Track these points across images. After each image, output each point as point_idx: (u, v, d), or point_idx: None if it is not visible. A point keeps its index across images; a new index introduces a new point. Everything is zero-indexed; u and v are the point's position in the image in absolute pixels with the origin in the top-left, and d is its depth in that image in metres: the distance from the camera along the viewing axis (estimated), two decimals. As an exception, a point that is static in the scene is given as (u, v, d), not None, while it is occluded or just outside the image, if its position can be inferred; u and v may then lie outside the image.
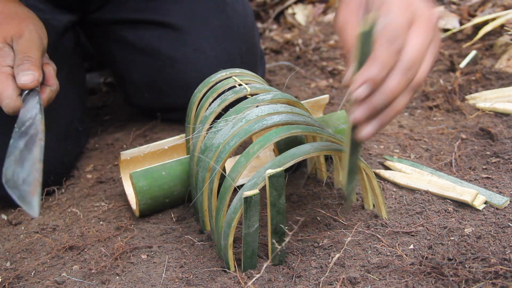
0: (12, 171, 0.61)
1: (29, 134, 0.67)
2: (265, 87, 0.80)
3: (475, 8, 1.57)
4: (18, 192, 0.58)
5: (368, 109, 0.58)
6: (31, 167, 0.60)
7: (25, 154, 0.63)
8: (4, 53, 0.80)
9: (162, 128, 1.18)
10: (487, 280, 0.61)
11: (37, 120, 0.70)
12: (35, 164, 0.61)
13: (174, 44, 1.11)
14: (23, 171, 0.60)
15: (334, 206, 0.81)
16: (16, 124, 0.72)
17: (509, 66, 1.20)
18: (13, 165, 0.62)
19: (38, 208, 0.56)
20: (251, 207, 0.64)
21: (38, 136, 0.66)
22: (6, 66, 0.79)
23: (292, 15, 1.86)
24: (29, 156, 0.62)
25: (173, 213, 0.86)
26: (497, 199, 0.76)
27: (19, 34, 0.82)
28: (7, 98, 0.77)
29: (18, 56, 0.80)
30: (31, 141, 0.65)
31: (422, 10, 0.61)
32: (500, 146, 0.90)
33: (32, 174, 0.59)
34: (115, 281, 0.71)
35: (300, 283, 0.66)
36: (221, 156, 0.70)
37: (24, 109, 0.75)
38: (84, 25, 1.19)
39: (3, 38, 0.81)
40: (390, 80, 0.58)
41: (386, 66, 0.57)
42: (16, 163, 0.62)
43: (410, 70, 0.59)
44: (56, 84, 0.84)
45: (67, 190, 0.99)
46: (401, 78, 0.58)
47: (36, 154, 0.63)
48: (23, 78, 0.78)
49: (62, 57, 0.99)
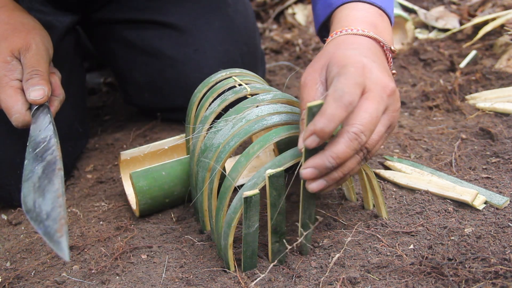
0: (32, 201, 0.60)
1: (46, 160, 0.66)
2: (265, 87, 0.80)
3: (475, 8, 1.57)
4: (44, 228, 0.57)
5: (316, 170, 0.62)
6: (54, 201, 0.59)
7: (45, 184, 0.62)
8: (12, 67, 0.80)
9: (162, 128, 1.18)
10: (487, 280, 0.61)
11: (52, 145, 0.69)
12: (58, 199, 0.60)
13: (175, 44, 1.11)
14: (45, 203, 0.59)
15: (334, 206, 0.81)
16: (29, 143, 0.71)
17: (509, 66, 1.20)
18: (32, 193, 0.61)
19: (67, 250, 0.55)
20: (251, 207, 0.64)
21: (57, 165, 0.65)
22: (15, 80, 0.79)
23: (292, 15, 1.86)
24: (50, 187, 0.61)
25: (173, 213, 0.86)
26: (497, 199, 0.76)
27: (26, 47, 0.81)
28: (16, 112, 0.77)
29: (27, 70, 0.80)
30: (49, 169, 0.64)
31: (377, 79, 0.64)
32: (500, 146, 0.90)
33: (56, 210, 0.58)
34: (115, 281, 0.71)
35: (300, 283, 0.66)
36: (221, 156, 0.70)
37: (35, 125, 0.75)
38: (85, 25, 1.19)
39: (10, 51, 0.80)
40: (339, 144, 0.61)
41: (332, 119, 0.59)
42: (36, 192, 0.61)
43: (359, 136, 0.61)
44: (62, 93, 0.84)
45: (67, 190, 0.99)
46: (349, 142, 0.61)
47: (58, 186, 0.61)
48: (33, 93, 0.78)
49: (63, 58, 0.99)
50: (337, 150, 0.61)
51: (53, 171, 0.64)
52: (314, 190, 0.63)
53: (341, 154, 0.61)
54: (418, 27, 1.56)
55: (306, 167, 0.62)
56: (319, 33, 0.87)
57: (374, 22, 0.74)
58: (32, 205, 0.60)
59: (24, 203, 0.61)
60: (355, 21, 0.74)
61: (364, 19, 0.74)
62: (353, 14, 0.75)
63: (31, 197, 0.61)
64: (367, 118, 0.61)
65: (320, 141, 0.60)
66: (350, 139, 0.61)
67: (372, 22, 0.74)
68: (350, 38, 0.71)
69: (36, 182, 0.63)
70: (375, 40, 0.72)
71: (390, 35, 0.76)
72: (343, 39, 0.72)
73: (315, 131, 0.59)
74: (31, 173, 0.65)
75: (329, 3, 0.80)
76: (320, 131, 0.59)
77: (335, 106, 0.59)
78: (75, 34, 1.13)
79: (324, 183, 0.63)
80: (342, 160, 0.61)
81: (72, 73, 1.06)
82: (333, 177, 0.63)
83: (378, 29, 0.74)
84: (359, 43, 0.70)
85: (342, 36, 0.72)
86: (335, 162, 0.61)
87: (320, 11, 0.83)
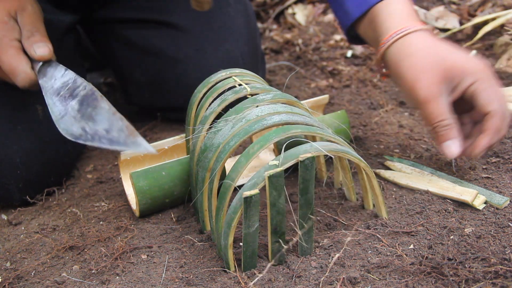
0: (80, 128, 0.62)
1: (79, 95, 0.67)
2: (265, 87, 0.80)
3: (475, 8, 1.57)
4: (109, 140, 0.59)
5: None
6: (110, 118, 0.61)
7: (89, 111, 0.63)
8: (10, 27, 0.79)
9: (162, 128, 1.18)
10: (487, 280, 0.61)
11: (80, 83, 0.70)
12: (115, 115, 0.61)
13: (176, 44, 1.11)
14: (100, 123, 0.61)
15: (334, 206, 0.81)
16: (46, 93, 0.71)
17: (509, 66, 1.20)
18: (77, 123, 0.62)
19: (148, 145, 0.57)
20: (251, 207, 0.64)
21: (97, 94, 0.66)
22: (14, 40, 0.78)
23: (292, 15, 1.86)
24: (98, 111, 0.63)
25: (173, 213, 0.86)
26: (497, 199, 0.76)
27: (22, 7, 0.80)
28: (22, 72, 0.77)
29: (26, 28, 0.79)
30: (89, 100, 0.65)
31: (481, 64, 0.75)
32: (500, 146, 0.90)
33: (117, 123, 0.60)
34: (115, 281, 0.71)
35: (300, 283, 0.66)
36: (221, 156, 0.70)
37: (45, 78, 0.75)
38: (86, 24, 1.19)
39: (7, 11, 0.79)
40: None
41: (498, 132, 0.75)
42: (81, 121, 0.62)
43: None
44: None
45: (67, 190, 0.99)
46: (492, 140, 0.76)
47: (108, 107, 0.63)
48: (39, 50, 0.77)
49: (64, 57, 0.99)
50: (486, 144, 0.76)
51: (95, 100, 0.65)
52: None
53: None
54: (418, 27, 1.56)
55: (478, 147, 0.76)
56: (348, 32, 0.90)
57: (414, 12, 0.81)
58: (81, 131, 0.61)
59: (69, 134, 0.62)
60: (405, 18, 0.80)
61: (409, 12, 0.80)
62: (396, 9, 0.81)
63: (77, 126, 0.62)
64: None
65: None
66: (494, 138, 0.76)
67: (413, 12, 0.81)
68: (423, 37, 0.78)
69: (77, 115, 0.64)
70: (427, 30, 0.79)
71: None
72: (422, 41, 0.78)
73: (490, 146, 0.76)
74: (64, 111, 0.66)
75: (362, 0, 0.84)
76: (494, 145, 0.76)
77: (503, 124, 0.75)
78: (75, 33, 1.13)
79: None
80: None
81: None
82: None
83: (415, 16, 0.81)
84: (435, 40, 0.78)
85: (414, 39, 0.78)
86: None
87: (352, 9, 0.85)
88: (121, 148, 0.59)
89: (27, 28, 0.79)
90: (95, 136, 0.60)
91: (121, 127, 0.59)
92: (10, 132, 0.91)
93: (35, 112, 0.94)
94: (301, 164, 0.65)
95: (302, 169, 0.66)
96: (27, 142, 0.92)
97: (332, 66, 1.41)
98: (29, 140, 0.92)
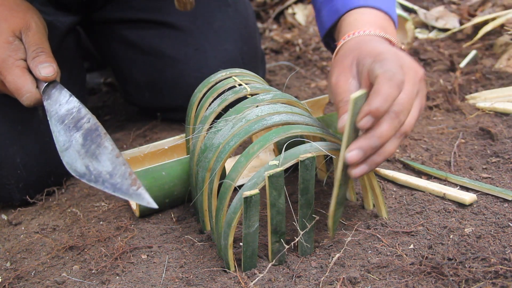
0: (84, 166, 0.62)
1: (83, 128, 0.68)
2: (265, 87, 0.80)
3: (475, 8, 1.57)
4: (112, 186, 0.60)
5: (361, 152, 0.63)
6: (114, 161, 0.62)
7: (93, 148, 0.64)
8: (16, 47, 0.79)
9: (162, 128, 1.18)
10: (487, 279, 0.61)
11: (85, 114, 0.70)
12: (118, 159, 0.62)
13: (175, 44, 1.11)
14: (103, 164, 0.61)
15: (334, 206, 0.81)
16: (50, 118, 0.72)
17: (509, 65, 1.20)
18: (80, 160, 0.63)
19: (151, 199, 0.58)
20: (251, 207, 0.64)
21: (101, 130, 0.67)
22: (19, 59, 0.79)
23: (292, 15, 1.86)
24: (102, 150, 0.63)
25: (173, 213, 0.86)
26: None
27: (27, 26, 0.81)
28: (27, 92, 0.78)
29: (31, 49, 0.80)
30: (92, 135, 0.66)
31: (410, 64, 0.68)
32: (500, 146, 0.90)
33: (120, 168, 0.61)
34: (115, 281, 0.71)
35: (300, 283, 0.66)
36: (221, 156, 0.70)
37: (50, 101, 0.75)
38: (86, 25, 1.19)
39: (12, 31, 0.80)
40: (382, 124, 0.63)
41: (387, 99, 0.61)
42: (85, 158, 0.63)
43: (399, 116, 0.63)
44: None
45: (67, 190, 0.99)
46: (390, 121, 0.63)
47: (111, 148, 0.63)
48: (44, 70, 0.78)
49: (63, 58, 0.99)
50: (381, 129, 0.63)
51: (99, 136, 0.65)
52: (357, 175, 0.65)
53: (385, 132, 0.63)
54: (418, 27, 1.56)
55: (351, 149, 0.63)
56: (324, 39, 0.90)
57: (383, 25, 0.78)
58: (85, 169, 0.62)
59: (73, 170, 0.63)
60: (366, 25, 0.77)
61: (374, 23, 0.77)
62: (363, 18, 0.79)
63: (81, 163, 0.62)
64: (405, 99, 0.64)
65: (375, 121, 0.62)
66: (391, 118, 0.63)
67: (381, 25, 0.78)
68: (367, 37, 0.74)
69: (81, 149, 0.64)
70: (387, 40, 0.75)
71: (397, 37, 0.79)
72: (361, 39, 0.74)
73: (370, 111, 0.61)
74: (68, 143, 0.66)
75: (335, 9, 0.83)
76: (376, 110, 0.61)
77: (389, 85, 0.61)
78: (75, 34, 1.13)
79: (366, 167, 0.65)
80: (385, 139, 0.63)
81: (72, 73, 1.06)
82: (374, 161, 0.65)
83: (387, 31, 0.77)
84: (378, 40, 0.73)
85: (356, 37, 0.75)
86: (379, 141, 0.63)
87: (326, 18, 0.86)
88: (124, 197, 0.60)
89: (32, 48, 0.80)
90: (99, 179, 0.61)
91: (124, 173, 0.60)
92: (10, 132, 0.91)
93: (35, 112, 0.94)
94: (301, 164, 0.65)
95: (302, 169, 0.66)
96: (27, 142, 0.92)
97: (332, 66, 1.41)
98: (29, 140, 0.92)
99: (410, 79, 0.66)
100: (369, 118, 0.61)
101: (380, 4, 0.81)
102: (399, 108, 0.63)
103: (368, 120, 0.62)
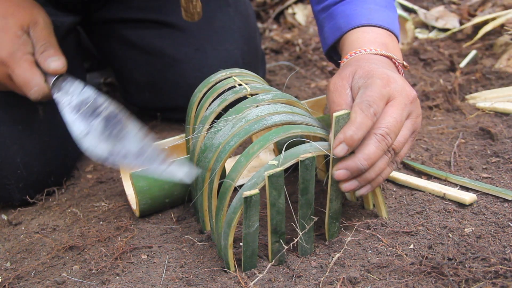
0: (107, 150, 0.63)
1: (102, 115, 0.69)
2: (265, 87, 0.80)
3: (475, 8, 1.57)
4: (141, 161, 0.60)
5: (348, 171, 0.66)
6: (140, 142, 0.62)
7: (115, 133, 0.65)
8: (24, 41, 0.80)
9: (162, 128, 1.18)
10: (487, 279, 0.61)
11: (102, 102, 0.72)
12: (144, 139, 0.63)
13: (176, 44, 1.11)
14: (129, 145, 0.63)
15: (334, 206, 0.81)
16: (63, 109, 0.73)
17: (509, 65, 1.20)
18: (103, 143, 0.64)
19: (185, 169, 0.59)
20: (251, 207, 0.64)
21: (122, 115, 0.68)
22: (27, 53, 0.80)
23: (292, 15, 1.86)
24: (126, 133, 0.65)
25: (173, 213, 0.86)
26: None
27: (34, 22, 0.82)
28: (36, 85, 0.78)
29: (40, 43, 0.80)
30: (114, 120, 0.67)
31: (401, 88, 0.69)
32: (500, 146, 0.90)
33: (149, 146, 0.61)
34: (115, 281, 0.71)
35: (300, 283, 0.66)
36: (221, 156, 0.70)
37: (61, 92, 0.76)
38: (86, 25, 1.19)
39: (20, 26, 0.81)
40: (368, 145, 0.65)
41: (360, 127, 0.64)
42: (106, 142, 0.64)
43: (386, 137, 0.66)
44: None
45: (67, 190, 0.99)
46: (377, 143, 0.66)
47: (136, 130, 0.64)
48: (53, 64, 0.79)
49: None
50: (367, 151, 0.65)
51: (119, 122, 0.66)
52: (347, 190, 0.68)
53: (372, 155, 0.65)
54: (418, 27, 1.56)
55: (338, 168, 0.66)
56: (327, 54, 0.92)
57: (385, 42, 0.80)
58: (108, 153, 0.63)
59: (94, 155, 0.63)
60: (368, 43, 0.79)
61: (376, 40, 0.79)
62: (364, 36, 0.81)
63: (103, 147, 0.64)
64: (392, 122, 0.66)
65: (349, 150, 0.65)
66: (378, 140, 0.66)
67: (383, 42, 0.80)
68: (367, 56, 0.76)
69: (102, 134, 0.65)
70: (388, 57, 0.77)
71: (400, 53, 0.81)
72: (361, 57, 0.77)
73: (345, 139, 0.64)
74: (87, 129, 0.66)
75: (337, 26, 0.85)
76: (350, 138, 0.64)
77: (363, 115, 0.64)
78: (75, 34, 1.13)
79: (356, 183, 0.68)
80: (373, 160, 0.66)
81: (72, 73, 1.05)
82: (365, 178, 0.67)
83: (389, 48, 0.79)
84: (377, 59, 0.75)
85: (358, 55, 0.77)
86: (366, 163, 0.65)
87: (328, 34, 0.88)
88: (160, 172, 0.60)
89: (41, 43, 0.81)
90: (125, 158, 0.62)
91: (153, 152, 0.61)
92: (11, 132, 0.91)
93: (36, 112, 0.94)
94: (301, 164, 0.65)
95: (302, 169, 0.66)
96: (27, 142, 0.92)
97: (332, 66, 1.41)
98: (30, 140, 0.92)
99: (400, 102, 0.68)
100: (343, 146, 0.64)
101: (381, 22, 0.82)
102: (384, 131, 0.66)
103: (342, 147, 0.64)
